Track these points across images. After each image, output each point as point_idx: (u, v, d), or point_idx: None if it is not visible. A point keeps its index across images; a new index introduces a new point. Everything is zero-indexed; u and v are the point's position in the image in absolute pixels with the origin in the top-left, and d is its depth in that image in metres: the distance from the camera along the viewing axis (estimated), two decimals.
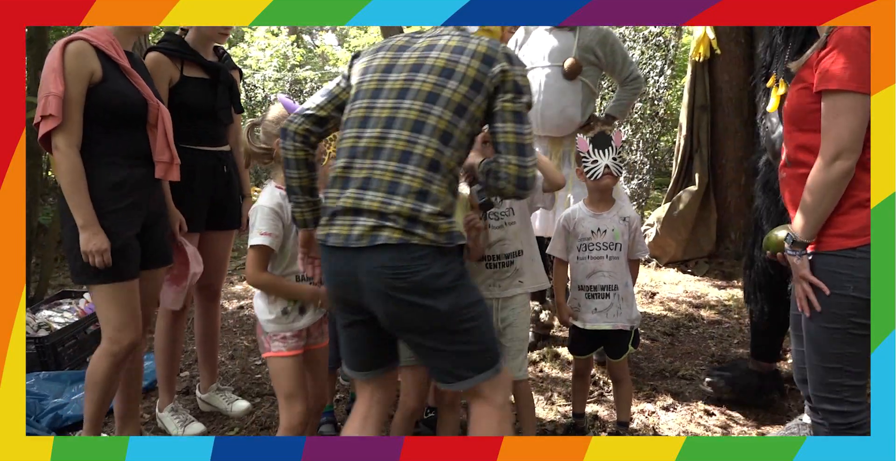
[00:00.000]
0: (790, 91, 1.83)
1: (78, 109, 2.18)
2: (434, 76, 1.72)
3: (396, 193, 1.64)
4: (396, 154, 1.67)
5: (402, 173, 1.66)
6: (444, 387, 1.83)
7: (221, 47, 2.95)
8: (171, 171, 2.40)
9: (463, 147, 1.75)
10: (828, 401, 1.80)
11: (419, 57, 1.77)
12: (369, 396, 1.95)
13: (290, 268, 2.16)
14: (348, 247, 1.66)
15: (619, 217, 2.54)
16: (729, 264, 5.23)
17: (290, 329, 2.16)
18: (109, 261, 2.21)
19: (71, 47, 2.16)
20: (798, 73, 1.79)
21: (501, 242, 2.43)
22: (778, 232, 2.08)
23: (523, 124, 1.77)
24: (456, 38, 1.80)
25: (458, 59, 1.73)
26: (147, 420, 2.95)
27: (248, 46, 11.51)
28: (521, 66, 1.79)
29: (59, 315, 3.70)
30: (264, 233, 2.06)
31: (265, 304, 2.16)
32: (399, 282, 1.63)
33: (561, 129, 3.33)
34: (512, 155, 1.75)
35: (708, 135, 5.27)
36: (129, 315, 2.31)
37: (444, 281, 1.66)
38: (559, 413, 2.92)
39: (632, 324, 2.54)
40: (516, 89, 1.75)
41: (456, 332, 1.71)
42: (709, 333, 3.93)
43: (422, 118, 1.69)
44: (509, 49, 1.81)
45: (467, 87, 1.71)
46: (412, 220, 1.63)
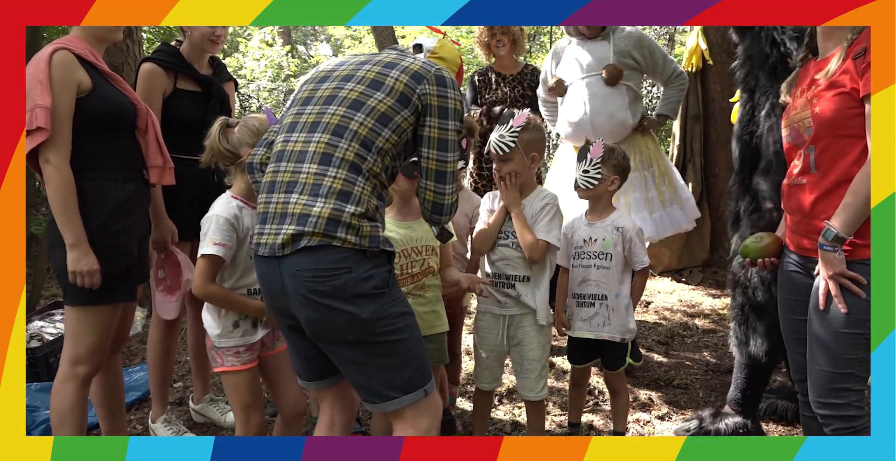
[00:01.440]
0: (819, 98, 1.79)
1: (67, 122, 2.09)
2: (362, 86, 1.75)
3: (319, 195, 1.63)
4: (318, 156, 1.68)
5: (324, 175, 1.65)
6: (371, 407, 1.77)
7: (217, 58, 2.95)
8: (165, 174, 2.36)
9: (388, 155, 1.74)
10: (832, 407, 1.79)
11: (352, 69, 1.80)
12: (330, 406, 1.94)
13: (241, 280, 2.12)
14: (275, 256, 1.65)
15: (613, 227, 2.49)
16: (723, 273, 5.21)
17: (242, 343, 2.12)
18: (98, 283, 2.12)
19: (57, 57, 2.08)
20: (831, 79, 1.76)
21: (504, 261, 2.40)
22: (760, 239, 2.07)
23: (447, 152, 1.79)
24: (393, 55, 1.84)
25: (389, 73, 1.76)
26: (140, 431, 2.95)
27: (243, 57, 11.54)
28: (454, 91, 1.80)
29: (51, 326, 3.65)
30: (217, 243, 2.02)
31: (214, 319, 2.12)
32: (319, 286, 1.60)
33: (615, 134, 3.30)
34: (430, 181, 1.81)
35: (701, 144, 5.33)
36: (107, 338, 2.25)
37: (366, 286, 1.62)
38: (554, 423, 2.92)
39: (623, 336, 2.47)
40: (442, 114, 1.77)
41: (379, 344, 1.66)
42: (703, 342, 3.93)
43: (343, 123, 1.70)
44: (446, 72, 1.82)
45: (393, 100, 1.73)
46: (334, 221, 1.61)
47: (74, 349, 2.20)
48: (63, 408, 2.20)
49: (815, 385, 1.84)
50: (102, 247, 2.15)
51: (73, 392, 2.21)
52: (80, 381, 2.21)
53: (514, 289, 2.39)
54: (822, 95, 1.78)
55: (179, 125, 2.63)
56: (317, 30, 20.29)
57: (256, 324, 2.15)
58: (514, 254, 2.39)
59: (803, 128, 1.85)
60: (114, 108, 2.20)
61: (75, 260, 2.09)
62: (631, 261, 2.49)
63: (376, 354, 1.67)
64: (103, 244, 2.15)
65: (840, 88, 1.74)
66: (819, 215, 1.81)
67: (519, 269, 2.39)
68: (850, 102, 1.72)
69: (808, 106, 1.83)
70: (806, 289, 1.90)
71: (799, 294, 1.95)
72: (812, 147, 1.82)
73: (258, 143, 1.93)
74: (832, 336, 1.78)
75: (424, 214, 1.90)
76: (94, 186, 2.15)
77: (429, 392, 1.74)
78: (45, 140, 2.04)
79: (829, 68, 1.78)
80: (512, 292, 2.40)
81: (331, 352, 1.73)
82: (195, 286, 2.05)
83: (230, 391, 2.15)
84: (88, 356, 2.20)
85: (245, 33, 13.38)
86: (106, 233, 2.16)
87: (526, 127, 2.35)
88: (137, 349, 4.08)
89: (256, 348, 2.17)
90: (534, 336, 2.41)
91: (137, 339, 4.16)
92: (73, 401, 2.20)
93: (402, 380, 1.70)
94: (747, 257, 2.10)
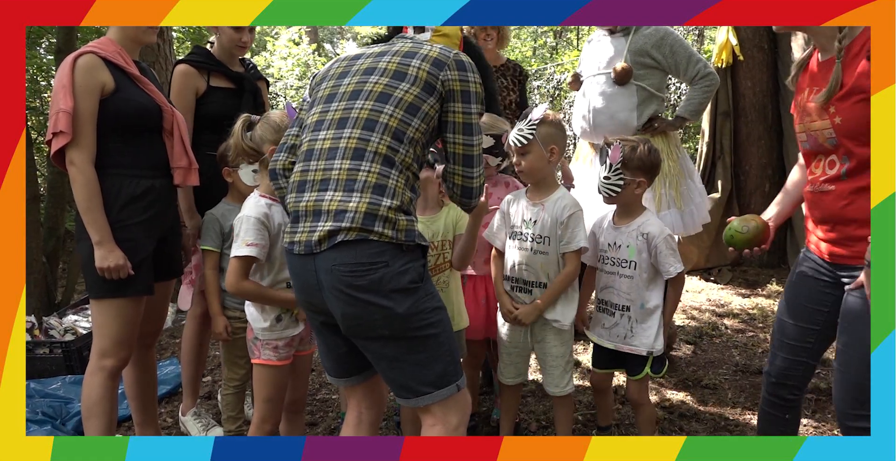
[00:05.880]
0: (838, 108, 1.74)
1: (91, 124, 2.16)
2: (386, 78, 1.74)
3: (354, 190, 1.63)
4: (350, 152, 1.67)
5: (358, 170, 1.65)
6: (403, 403, 1.78)
7: (248, 59, 3.05)
8: (189, 176, 2.40)
9: (419, 144, 1.74)
10: (861, 419, 1.76)
11: (372, 62, 1.79)
12: (357, 403, 1.94)
13: (279, 275, 2.16)
14: (311, 253, 1.64)
15: (638, 232, 2.34)
16: (753, 272, 5.20)
17: (283, 336, 2.16)
18: (126, 277, 2.19)
19: (80, 62, 2.16)
20: (852, 84, 1.70)
21: (522, 266, 2.38)
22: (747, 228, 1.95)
23: (472, 135, 1.80)
24: (409, 44, 1.83)
25: (410, 62, 1.76)
26: (170, 424, 2.98)
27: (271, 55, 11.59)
28: (474, 74, 1.80)
29: (84, 319, 3.77)
30: (251, 243, 2.06)
31: (258, 312, 2.16)
32: (357, 281, 1.60)
33: (615, 134, 3.17)
34: (458, 165, 1.81)
35: (731, 141, 5.25)
36: (131, 330, 2.30)
37: (403, 280, 1.63)
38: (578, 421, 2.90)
39: (648, 349, 2.34)
40: (465, 99, 1.77)
41: (413, 339, 1.67)
42: (732, 342, 3.89)
43: (373, 116, 1.69)
44: (464, 56, 1.81)
45: (419, 89, 1.73)
46: (371, 215, 1.61)
47: (100, 342, 2.27)
48: (91, 399, 2.27)
49: (848, 397, 1.80)
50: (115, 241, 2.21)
51: (101, 384, 2.27)
52: (107, 374, 2.27)
53: (531, 295, 2.38)
54: (840, 105, 1.72)
55: (214, 120, 2.69)
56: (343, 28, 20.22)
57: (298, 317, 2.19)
58: (532, 259, 2.36)
59: (822, 138, 1.80)
60: (135, 109, 2.25)
61: (102, 257, 2.17)
62: (659, 269, 2.34)
63: (410, 349, 1.68)
64: (115, 238, 2.20)
65: (861, 94, 1.68)
66: (853, 222, 1.77)
67: (536, 276, 2.37)
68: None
69: (825, 115, 1.77)
70: (822, 297, 1.86)
71: (812, 301, 1.91)
72: (846, 157, 1.77)
73: (278, 149, 1.91)
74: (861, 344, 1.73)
75: (454, 198, 1.89)
76: (108, 181, 2.21)
77: (461, 387, 1.75)
78: (68, 142, 2.12)
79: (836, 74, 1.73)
80: (527, 298, 2.39)
81: (364, 348, 1.74)
82: (229, 284, 2.10)
83: (258, 382, 2.18)
84: (113, 348, 2.26)
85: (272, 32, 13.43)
86: (117, 227, 2.21)
87: (543, 121, 2.33)
88: (167, 344, 4.12)
89: (294, 344, 2.22)
90: (556, 333, 2.40)
91: (167, 334, 4.19)
92: (101, 393, 2.26)
93: (435, 376, 1.70)
94: (733, 247, 2.02)
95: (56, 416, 2.92)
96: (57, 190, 4.54)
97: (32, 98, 7.16)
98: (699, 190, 3.40)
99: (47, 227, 4.52)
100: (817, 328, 1.94)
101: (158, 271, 2.40)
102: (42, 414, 2.91)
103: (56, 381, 3.22)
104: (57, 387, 3.17)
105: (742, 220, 2.02)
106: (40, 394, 3.12)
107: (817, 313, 1.92)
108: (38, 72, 6.84)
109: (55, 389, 3.15)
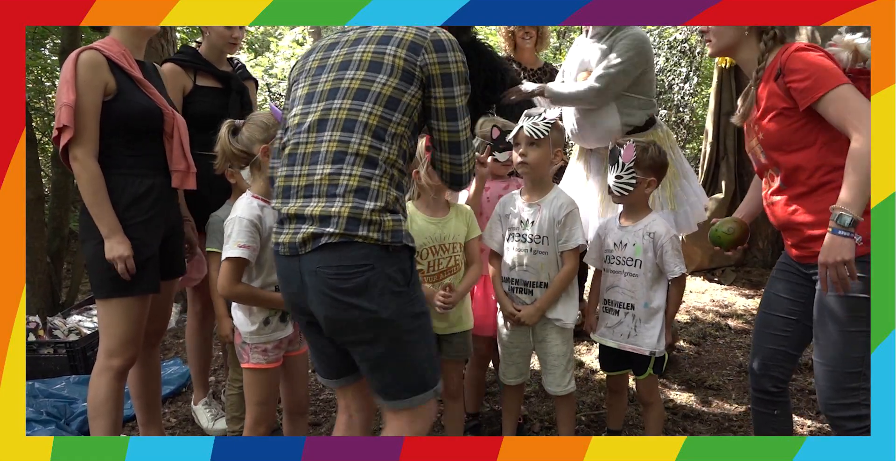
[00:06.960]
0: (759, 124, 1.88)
1: (93, 118, 2.16)
2: (362, 72, 1.67)
3: (336, 195, 1.60)
4: (331, 156, 1.64)
5: (339, 175, 1.62)
6: (378, 403, 1.76)
7: (236, 58, 3.02)
8: (187, 179, 2.40)
9: (404, 138, 1.70)
10: (843, 408, 1.81)
11: (347, 53, 1.74)
12: (347, 406, 1.92)
13: (269, 277, 2.14)
14: (296, 254, 1.63)
15: (644, 231, 2.36)
16: (756, 273, 5.15)
17: (271, 339, 2.15)
18: (133, 268, 2.19)
19: (83, 57, 2.15)
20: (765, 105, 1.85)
21: (523, 267, 2.38)
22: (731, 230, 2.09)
23: (457, 121, 1.74)
24: (384, 28, 1.74)
25: (385, 50, 1.68)
26: (174, 424, 3.01)
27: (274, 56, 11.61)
28: (454, 53, 1.71)
29: (88, 320, 3.78)
30: (242, 245, 2.03)
31: (245, 316, 2.14)
32: (342, 284, 1.58)
33: (603, 141, 3.10)
34: (445, 153, 1.78)
35: (734, 142, 5.19)
36: (138, 330, 2.30)
37: (388, 284, 1.60)
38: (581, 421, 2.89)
39: (651, 349, 2.34)
40: (446, 82, 1.70)
41: (396, 344, 1.64)
42: (736, 343, 3.86)
43: (352, 116, 1.65)
44: (443, 33, 1.72)
45: (397, 80, 1.66)
46: (354, 220, 1.58)
47: (107, 341, 2.27)
48: (97, 399, 2.27)
49: (825, 387, 1.84)
50: None
51: (107, 384, 2.27)
52: (114, 373, 2.28)
53: (532, 295, 2.38)
54: (760, 123, 1.89)
55: (201, 119, 2.67)
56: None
57: (286, 318, 2.18)
58: (533, 260, 2.36)
59: (758, 154, 1.95)
60: (136, 112, 2.24)
61: (111, 248, 2.16)
62: (663, 269, 2.35)
63: (392, 354, 1.66)
64: None
65: (773, 111, 1.83)
66: (803, 226, 1.86)
67: (536, 276, 2.37)
68: (787, 120, 1.80)
69: (753, 134, 1.94)
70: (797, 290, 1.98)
71: (788, 293, 2.02)
72: (776, 168, 1.90)
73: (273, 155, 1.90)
74: (837, 335, 1.79)
75: (444, 184, 1.90)
76: (112, 181, 2.21)
77: (438, 392, 1.74)
78: (70, 137, 2.11)
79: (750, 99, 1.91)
80: (528, 299, 2.39)
81: (349, 350, 1.73)
82: (221, 287, 2.07)
83: (249, 386, 2.18)
84: (120, 348, 2.26)
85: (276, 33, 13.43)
86: (122, 226, 2.20)
87: (556, 125, 2.36)
88: (171, 344, 4.12)
89: (283, 346, 2.21)
90: (557, 332, 2.40)
91: (171, 335, 4.19)
92: (107, 392, 2.27)
93: (415, 381, 1.69)
94: (719, 246, 2.12)
95: (60, 416, 2.93)
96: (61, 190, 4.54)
97: (37, 99, 7.17)
98: (694, 190, 3.33)
99: (51, 228, 4.53)
100: (794, 318, 2.02)
101: (162, 270, 2.39)
102: (46, 414, 2.93)
103: (60, 381, 3.23)
104: (61, 387, 3.18)
105: (724, 222, 2.14)
106: (44, 394, 3.13)
107: (793, 303, 2.01)
108: (43, 72, 6.84)
109: (59, 389, 3.16)
